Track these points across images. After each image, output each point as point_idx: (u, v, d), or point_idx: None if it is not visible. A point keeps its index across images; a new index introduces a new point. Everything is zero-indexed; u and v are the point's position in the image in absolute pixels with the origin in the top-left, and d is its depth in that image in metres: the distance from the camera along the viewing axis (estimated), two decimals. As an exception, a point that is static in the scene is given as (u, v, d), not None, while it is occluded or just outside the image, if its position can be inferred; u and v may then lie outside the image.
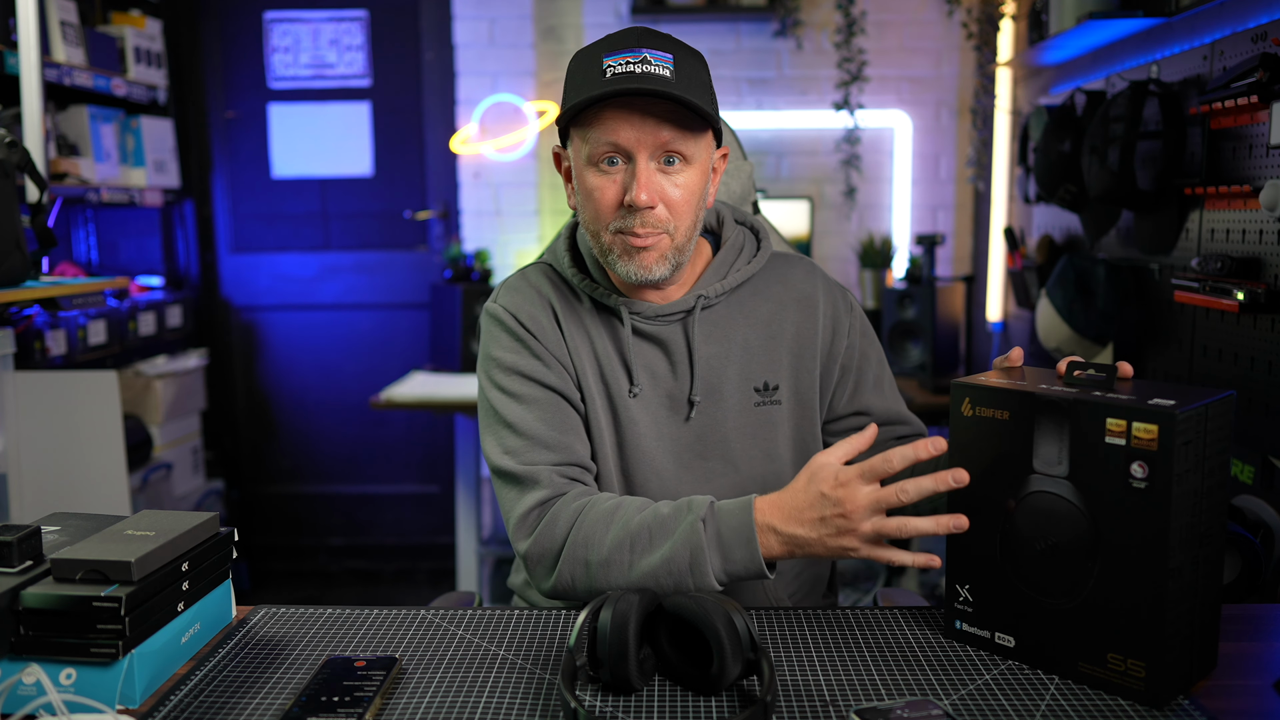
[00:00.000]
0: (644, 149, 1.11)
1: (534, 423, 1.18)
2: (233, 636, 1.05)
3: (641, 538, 1.07)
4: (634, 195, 1.10)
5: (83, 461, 2.15)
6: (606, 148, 1.12)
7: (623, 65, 1.09)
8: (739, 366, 1.24)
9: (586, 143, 1.13)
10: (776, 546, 1.04)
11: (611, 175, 1.13)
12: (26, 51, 2.19)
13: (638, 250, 1.14)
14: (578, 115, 1.12)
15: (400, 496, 3.66)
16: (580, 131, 1.14)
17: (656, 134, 1.10)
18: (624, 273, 1.16)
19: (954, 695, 0.90)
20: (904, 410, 1.33)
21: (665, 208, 1.13)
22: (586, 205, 1.16)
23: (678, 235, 1.15)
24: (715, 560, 1.04)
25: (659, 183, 1.12)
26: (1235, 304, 1.70)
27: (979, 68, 3.13)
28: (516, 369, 1.21)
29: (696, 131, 1.13)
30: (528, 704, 0.90)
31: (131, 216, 3.44)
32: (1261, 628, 1.05)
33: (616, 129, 1.10)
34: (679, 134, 1.11)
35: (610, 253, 1.16)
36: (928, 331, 2.85)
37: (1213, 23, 1.89)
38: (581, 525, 1.10)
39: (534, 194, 3.41)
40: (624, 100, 1.09)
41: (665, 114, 1.10)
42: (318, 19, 3.46)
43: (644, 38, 1.12)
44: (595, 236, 1.17)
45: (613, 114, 1.10)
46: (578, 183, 1.17)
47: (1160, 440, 0.85)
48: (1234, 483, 1.73)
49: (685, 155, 1.13)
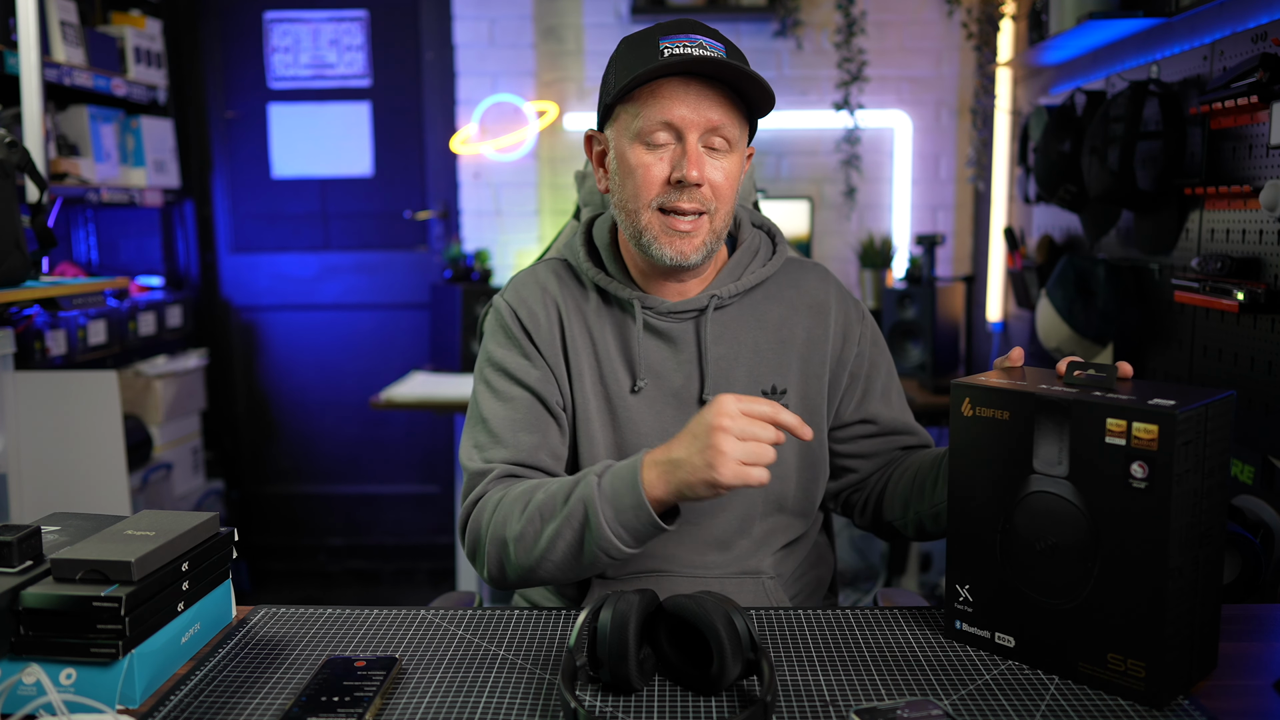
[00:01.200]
0: (695, 128, 1.14)
1: (503, 421, 1.20)
2: (233, 636, 1.05)
3: (548, 506, 1.09)
4: (685, 171, 1.13)
5: (83, 461, 2.15)
6: (658, 124, 1.14)
7: (680, 47, 1.12)
8: (748, 368, 1.24)
9: (638, 119, 1.15)
10: (658, 481, 1.03)
11: (659, 152, 1.15)
12: (26, 51, 2.19)
13: (679, 234, 1.16)
14: (631, 91, 1.14)
15: (400, 496, 3.66)
16: (631, 108, 1.16)
17: (709, 115, 1.13)
18: (659, 255, 1.17)
19: (954, 695, 0.90)
20: (911, 421, 1.33)
21: (710, 188, 1.16)
22: (628, 182, 1.18)
23: (716, 219, 1.18)
24: (607, 511, 1.04)
25: (706, 163, 1.15)
26: (1235, 304, 1.70)
27: (979, 68, 3.13)
28: (503, 365, 1.24)
29: (741, 119, 1.17)
30: (528, 704, 0.90)
31: (131, 216, 3.44)
32: (1261, 628, 1.05)
33: (671, 106, 1.13)
34: (728, 118, 1.15)
35: (647, 233, 1.17)
36: (928, 331, 2.85)
37: (1213, 23, 1.89)
38: (500, 506, 1.13)
39: (534, 194, 3.40)
40: (681, 79, 1.13)
41: (718, 97, 1.14)
42: (318, 19, 3.46)
43: (698, 26, 1.16)
44: (633, 215, 1.18)
45: (669, 91, 1.13)
46: (619, 160, 1.19)
47: (1160, 440, 0.85)
48: (1234, 483, 1.73)
49: (730, 140, 1.16)
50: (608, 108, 1.19)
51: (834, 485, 1.34)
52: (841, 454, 1.32)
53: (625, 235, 1.22)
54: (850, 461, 1.32)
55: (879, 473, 1.32)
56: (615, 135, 1.19)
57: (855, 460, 1.32)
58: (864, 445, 1.31)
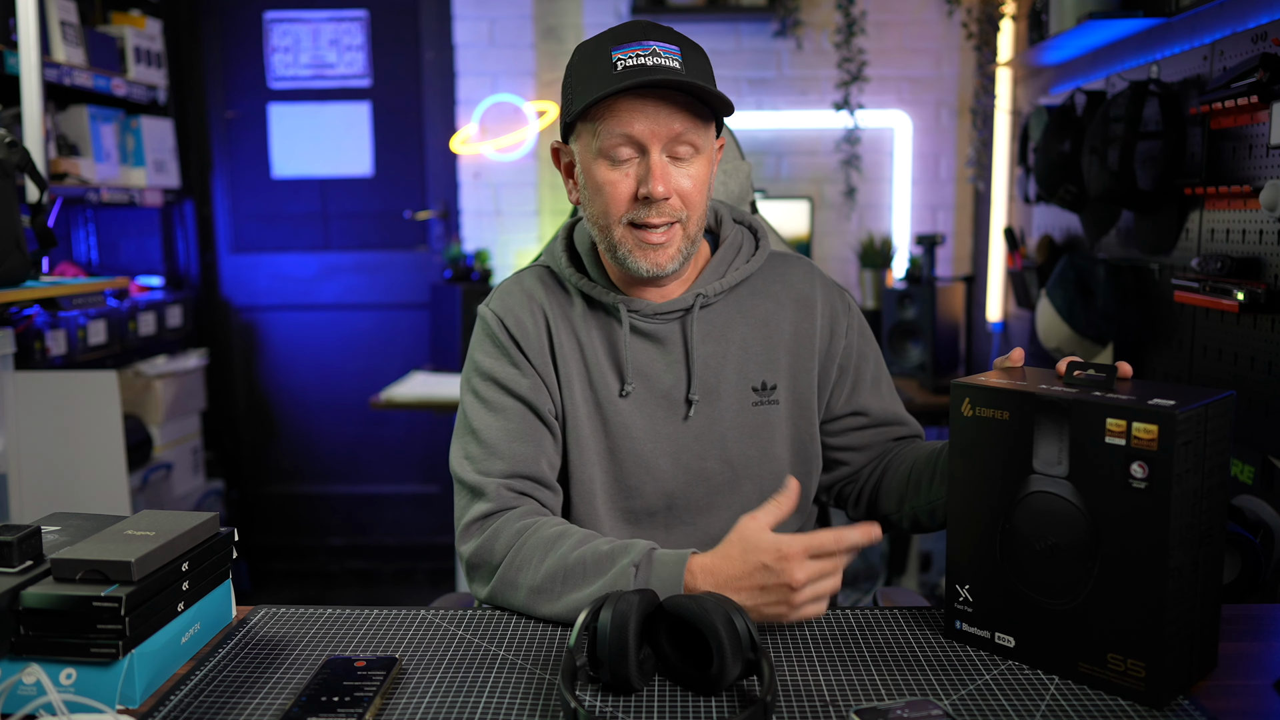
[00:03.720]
0: (657, 141, 1.12)
1: (497, 431, 1.19)
2: (233, 636, 1.05)
3: (575, 572, 1.07)
4: (651, 188, 1.11)
5: (83, 461, 2.15)
6: (619, 140, 1.12)
7: (633, 58, 1.09)
8: (737, 366, 1.24)
9: (597, 136, 1.13)
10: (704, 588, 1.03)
11: (623, 168, 1.13)
12: (26, 51, 2.19)
13: (652, 246, 1.15)
14: (589, 109, 1.12)
15: (400, 496, 3.66)
16: (590, 125, 1.14)
17: (670, 125, 1.11)
18: (635, 267, 1.16)
19: (954, 695, 0.90)
20: (901, 411, 1.33)
21: (678, 198, 1.14)
22: (596, 200, 1.16)
23: (690, 225, 1.17)
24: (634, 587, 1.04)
25: (672, 174, 1.13)
26: (1235, 304, 1.70)
27: (979, 68, 3.13)
28: (492, 375, 1.23)
29: (705, 122, 1.15)
30: (528, 704, 0.90)
31: (131, 216, 3.44)
32: (1261, 628, 1.05)
33: (630, 121, 1.11)
34: (690, 125, 1.12)
35: (621, 247, 1.16)
36: (928, 331, 2.85)
37: (1213, 23, 1.89)
38: (521, 548, 1.11)
39: (534, 194, 3.41)
40: (637, 92, 1.10)
41: (677, 106, 1.11)
42: (318, 19, 3.46)
43: (650, 30, 1.13)
44: (605, 231, 1.17)
45: (626, 106, 1.11)
46: (585, 177, 1.17)
47: (1160, 440, 0.85)
48: (1234, 483, 1.73)
49: (696, 146, 1.14)
50: (571, 122, 1.17)
51: (827, 478, 1.34)
52: (834, 447, 1.32)
53: (601, 248, 1.20)
54: (843, 454, 1.32)
55: (872, 464, 1.32)
56: (579, 150, 1.17)
57: (847, 453, 1.32)
58: (856, 438, 1.31)
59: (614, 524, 1.24)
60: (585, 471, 1.22)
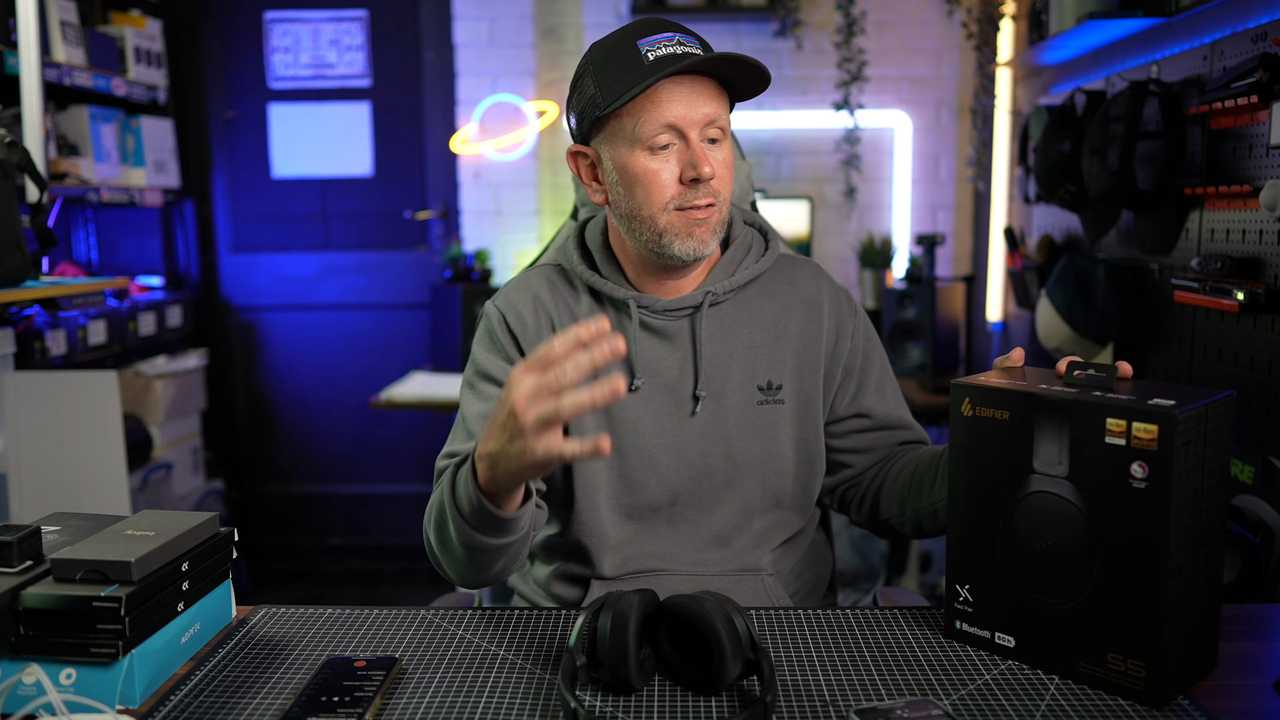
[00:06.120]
0: (695, 125, 1.14)
1: (478, 418, 1.21)
2: (233, 636, 1.05)
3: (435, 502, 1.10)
4: (700, 170, 1.13)
5: (83, 461, 2.15)
6: (659, 128, 1.13)
7: (662, 48, 1.12)
8: (743, 365, 1.24)
9: (636, 128, 1.14)
10: (485, 473, 0.99)
11: (664, 155, 1.15)
12: (26, 51, 2.19)
13: (699, 223, 1.16)
14: (627, 101, 1.13)
15: (400, 496, 3.66)
16: (624, 119, 1.15)
17: (704, 110, 1.14)
18: (682, 251, 1.17)
19: (954, 695, 0.90)
20: (906, 416, 1.33)
21: (717, 178, 1.17)
22: (635, 192, 1.16)
23: (724, 206, 1.19)
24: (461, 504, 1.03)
25: (711, 156, 1.16)
26: (1235, 304, 1.69)
27: (979, 68, 3.13)
28: (484, 369, 1.24)
29: (728, 106, 1.18)
30: (528, 704, 0.90)
31: (131, 216, 3.44)
32: (1261, 628, 1.05)
33: (669, 108, 1.13)
34: (720, 108, 1.16)
35: (667, 234, 1.17)
36: (928, 331, 2.85)
37: (1213, 23, 1.89)
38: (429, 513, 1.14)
39: (534, 194, 3.40)
40: (673, 80, 1.13)
41: (707, 90, 1.14)
42: (318, 19, 3.46)
43: (667, 24, 1.16)
44: (649, 221, 1.17)
45: (666, 95, 1.13)
46: (618, 173, 1.17)
47: (1160, 440, 0.85)
48: (1234, 483, 1.73)
49: (724, 129, 1.18)
50: (596, 120, 1.17)
51: (830, 480, 1.34)
52: (837, 449, 1.32)
53: (638, 240, 1.20)
54: (846, 456, 1.32)
55: (875, 468, 1.32)
56: (608, 146, 1.17)
57: (851, 455, 1.32)
58: (859, 440, 1.31)
59: (616, 520, 1.24)
60: (589, 466, 1.22)
